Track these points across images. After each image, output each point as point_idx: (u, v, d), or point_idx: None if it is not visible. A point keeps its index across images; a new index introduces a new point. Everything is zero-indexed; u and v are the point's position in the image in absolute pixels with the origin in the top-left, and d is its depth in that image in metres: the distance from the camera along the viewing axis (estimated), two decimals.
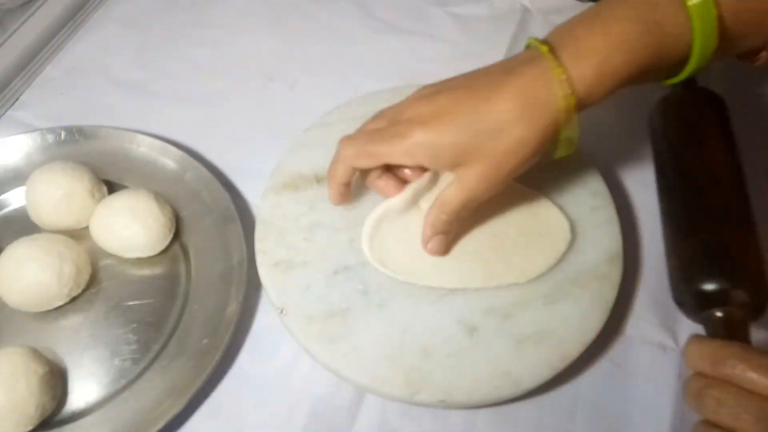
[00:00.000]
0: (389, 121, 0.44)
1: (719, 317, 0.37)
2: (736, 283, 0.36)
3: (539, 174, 0.51)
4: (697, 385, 0.33)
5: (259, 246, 0.48)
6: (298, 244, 0.48)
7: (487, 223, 0.48)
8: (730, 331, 0.36)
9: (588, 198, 0.50)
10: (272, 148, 0.53)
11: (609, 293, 0.45)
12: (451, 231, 0.45)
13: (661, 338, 0.48)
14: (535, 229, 0.48)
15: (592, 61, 0.39)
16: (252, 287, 0.48)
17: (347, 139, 0.45)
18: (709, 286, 0.37)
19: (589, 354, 0.44)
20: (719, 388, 0.32)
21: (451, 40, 0.65)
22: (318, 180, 0.51)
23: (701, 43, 0.39)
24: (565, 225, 0.48)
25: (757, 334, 0.39)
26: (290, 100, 0.61)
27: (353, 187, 0.47)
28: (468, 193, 0.42)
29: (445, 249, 0.46)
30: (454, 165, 0.41)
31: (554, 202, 0.49)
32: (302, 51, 0.65)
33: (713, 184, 0.42)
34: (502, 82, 0.40)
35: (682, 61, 0.41)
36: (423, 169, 0.45)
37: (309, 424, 0.44)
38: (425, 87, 0.44)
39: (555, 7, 0.68)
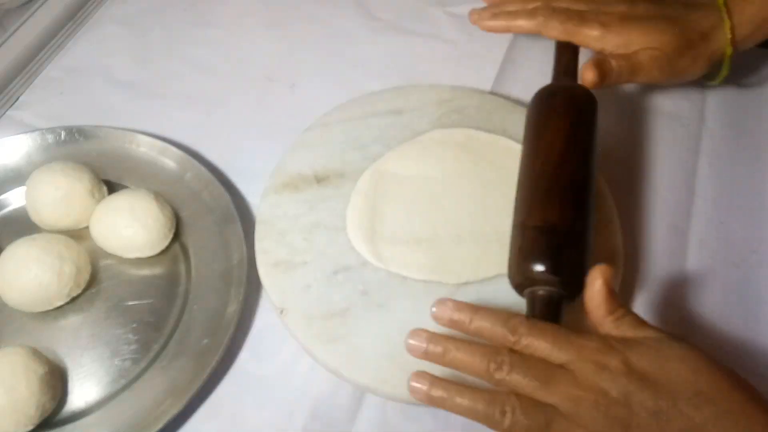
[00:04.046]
0: (592, 9, 0.51)
1: (540, 295, 0.40)
2: (558, 269, 0.40)
3: None
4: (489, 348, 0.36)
5: (259, 246, 0.48)
6: (298, 244, 0.48)
7: (476, 200, 0.49)
8: (547, 308, 0.40)
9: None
10: (272, 148, 0.53)
11: None
12: (607, 72, 0.50)
13: None
14: None
15: (752, 11, 0.51)
16: (252, 287, 0.48)
17: (549, 7, 0.52)
18: (538, 268, 0.40)
19: None
20: (510, 356, 0.36)
21: (451, 40, 0.65)
22: (318, 180, 0.51)
23: None
24: None
25: None
26: (290, 100, 0.61)
27: None
28: (638, 62, 0.49)
29: (595, 77, 0.49)
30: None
31: None
32: (302, 51, 0.65)
33: (556, 174, 0.44)
34: (682, 17, 0.51)
35: None
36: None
37: (309, 424, 0.44)
38: None
39: None
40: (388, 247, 0.47)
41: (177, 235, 0.51)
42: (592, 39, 0.50)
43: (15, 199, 0.53)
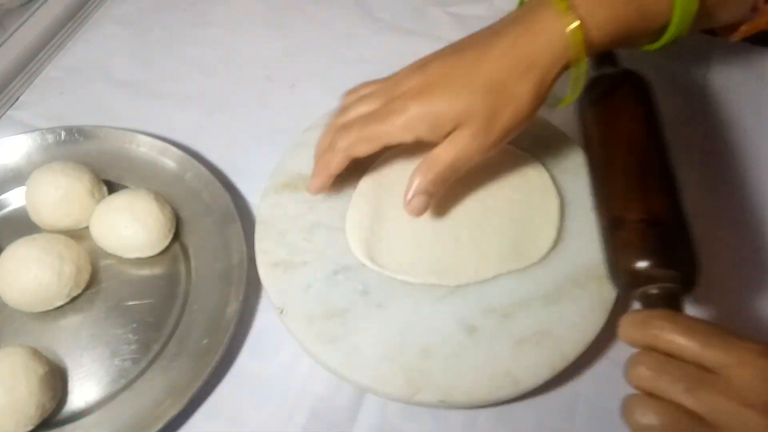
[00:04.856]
0: (382, 101, 0.43)
1: (654, 294, 0.37)
2: (668, 261, 0.36)
3: None
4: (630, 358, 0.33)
5: (259, 246, 0.48)
6: (298, 244, 0.48)
7: (476, 200, 0.49)
8: (669, 308, 0.37)
9: (588, 198, 0.50)
10: (272, 148, 0.53)
11: (609, 293, 0.45)
12: (436, 193, 0.43)
13: None
14: (526, 204, 0.48)
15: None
16: (252, 287, 0.48)
17: (341, 129, 0.44)
18: (652, 263, 0.37)
19: (589, 354, 0.44)
20: (648, 356, 0.32)
21: (451, 40, 0.64)
22: None
23: (682, 7, 0.39)
24: (553, 193, 0.49)
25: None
26: (290, 100, 0.61)
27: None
28: (458, 152, 0.41)
29: (424, 210, 0.43)
30: (453, 131, 0.41)
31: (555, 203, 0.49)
32: (302, 51, 0.65)
33: (638, 160, 0.42)
34: (489, 44, 0.41)
35: (663, 27, 0.41)
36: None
37: (309, 424, 0.44)
38: (413, 62, 0.45)
39: None
40: (387, 250, 0.47)
41: (177, 235, 0.51)
42: (398, 131, 0.41)
43: (15, 199, 0.53)
